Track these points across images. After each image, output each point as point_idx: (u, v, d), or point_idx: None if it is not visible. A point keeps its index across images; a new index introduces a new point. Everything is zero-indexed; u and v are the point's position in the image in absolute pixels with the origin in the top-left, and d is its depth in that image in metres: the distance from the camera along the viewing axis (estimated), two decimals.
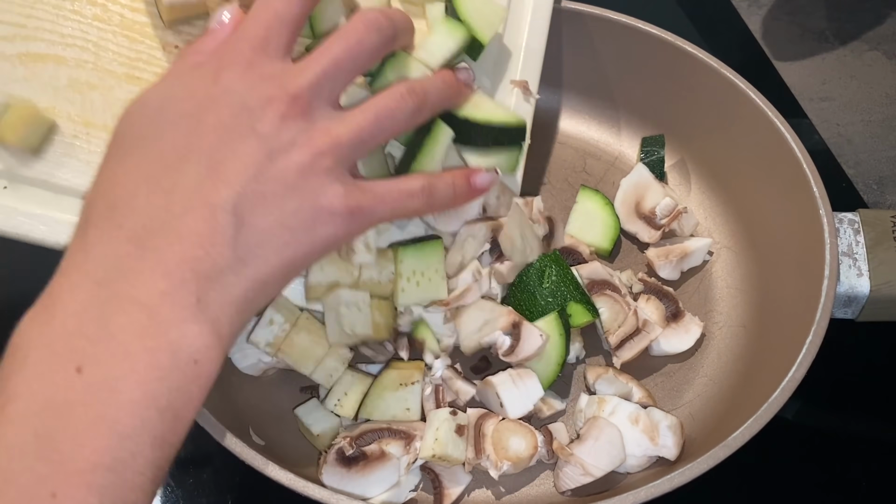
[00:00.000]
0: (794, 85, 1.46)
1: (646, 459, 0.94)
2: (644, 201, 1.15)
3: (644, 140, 1.23)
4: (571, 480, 0.91)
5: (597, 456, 0.91)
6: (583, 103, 1.34)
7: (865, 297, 0.97)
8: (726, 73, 1.15)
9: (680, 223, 1.14)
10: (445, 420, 0.91)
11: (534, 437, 0.93)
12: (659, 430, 0.93)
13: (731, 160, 1.18)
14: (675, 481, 0.83)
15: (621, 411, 0.94)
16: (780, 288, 1.05)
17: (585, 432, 0.94)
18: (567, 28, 1.27)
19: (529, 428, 0.95)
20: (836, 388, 1.09)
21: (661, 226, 1.14)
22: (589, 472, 0.90)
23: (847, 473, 1.02)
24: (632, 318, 1.02)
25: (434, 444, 0.89)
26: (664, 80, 1.24)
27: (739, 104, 1.13)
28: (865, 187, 1.33)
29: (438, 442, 0.89)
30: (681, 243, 1.13)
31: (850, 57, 1.52)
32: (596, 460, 0.90)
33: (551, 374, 0.98)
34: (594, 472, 0.90)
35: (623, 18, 1.23)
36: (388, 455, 0.91)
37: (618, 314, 1.02)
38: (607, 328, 1.02)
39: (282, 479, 0.83)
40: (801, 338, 0.91)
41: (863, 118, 1.43)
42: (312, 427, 0.96)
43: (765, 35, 1.59)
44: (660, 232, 1.14)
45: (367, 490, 0.89)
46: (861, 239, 0.99)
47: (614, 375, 0.99)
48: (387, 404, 0.94)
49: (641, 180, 1.17)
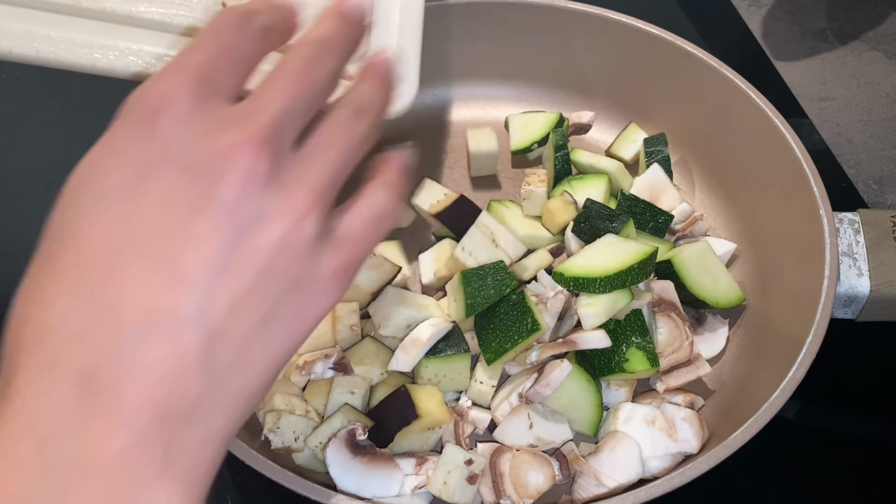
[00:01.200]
0: (794, 85, 1.46)
1: (669, 458, 0.93)
2: (659, 203, 1.13)
3: (646, 140, 1.23)
4: (586, 491, 0.91)
5: (612, 467, 0.90)
6: (582, 103, 1.35)
7: (865, 297, 0.96)
8: (726, 73, 1.15)
9: (693, 228, 1.14)
10: (458, 468, 0.88)
11: (550, 466, 0.93)
12: (676, 424, 0.93)
13: (730, 160, 1.18)
14: (676, 481, 0.83)
15: (637, 415, 0.94)
16: (780, 288, 1.05)
17: (602, 444, 0.94)
18: (567, 27, 1.27)
19: (544, 457, 0.94)
20: (837, 389, 1.08)
21: (676, 231, 1.13)
22: (603, 483, 0.89)
23: (848, 473, 1.02)
24: (686, 348, 0.99)
25: (442, 487, 0.89)
26: (664, 79, 1.24)
27: (739, 104, 1.13)
28: (865, 187, 1.33)
29: (447, 486, 0.88)
30: None
31: (850, 56, 1.52)
32: (611, 471, 0.90)
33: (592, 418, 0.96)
34: (608, 482, 0.89)
35: (623, 18, 1.23)
36: (395, 464, 0.91)
37: (675, 339, 0.99)
38: (661, 350, 0.99)
39: (281, 480, 0.83)
40: (802, 338, 0.91)
41: (863, 118, 1.43)
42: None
43: (765, 35, 1.59)
44: (675, 237, 1.13)
45: (362, 487, 0.89)
46: (861, 239, 0.99)
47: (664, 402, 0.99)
48: (409, 441, 0.94)
49: (657, 181, 1.15)
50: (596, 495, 0.90)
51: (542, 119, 1.27)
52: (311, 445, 0.92)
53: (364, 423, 0.92)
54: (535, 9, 1.26)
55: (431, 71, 1.40)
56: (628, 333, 0.94)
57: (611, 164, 1.19)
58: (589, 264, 0.92)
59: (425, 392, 0.95)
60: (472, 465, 0.89)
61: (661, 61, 1.22)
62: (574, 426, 0.96)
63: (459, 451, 0.90)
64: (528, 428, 0.94)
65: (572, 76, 1.32)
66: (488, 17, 1.28)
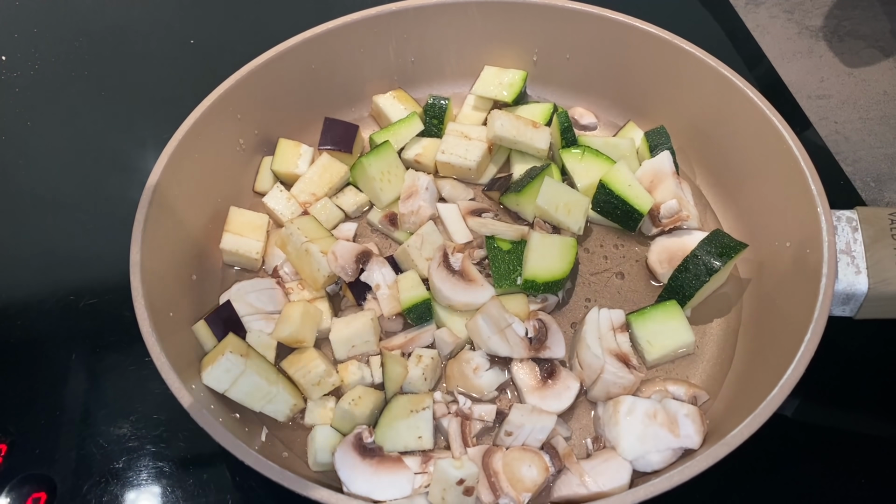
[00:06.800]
0: (792, 82, 1.46)
1: (671, 453, 0.93)
2: (655, 192, 1.16)
3: (647, 134, 1.23)
4: (566, 488, 0.91)
5: (599, 473, 0.91)
6: (581, 101, 1.35)
7: (864, 294, 0.96)
8: (724, 72, 1.15)
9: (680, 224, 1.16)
10: (453, 488, 0.88)
11: (542, 458, 0.94)
12: (678, 420, 0.93)
13: (728, 158, 1.18)
14: (675, 479, 0.83)
15: (638, 409, 0.95)
16: (779, 286, 1.05)
17: (598, 454, 0.94)
18: (567, 27, 1.27)
19: (534, 450, 0.95)
20: (835, 386, 1.09)
21: (661, 223, 1.15)
22: (584, 484, 0.91)
23: (846, 469, 1.02)
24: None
25: (441, 502, 0.89)
26: (662, 78, 1.24)
27: (737, 102, 1.13)
28: (863, 185, 1.33)
29: (445, 501, 0.89)
30: (682, 242, 1.13)
31: (847, 54, 1.52)
32: (596, 476, 0.91)
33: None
34: (590, 485, 0.90)
35: (622, 17, 1.23)
36: (404, 464, 0.91)
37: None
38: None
39: (281, 480, 0.83)
40: (800, 335, 0.91)
41: (860, 115, 1.43)
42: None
43: (762, 33, 1.59)
44: (659, 229, 1.15)
45: (373, 490, 0.89)
46: (859, 237, 0.99)
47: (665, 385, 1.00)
48: (398, 434, 0.95)
49: (661, 169, 1.17)
50: (575, 494, 0.91)
51: (519, 76, 1.31)
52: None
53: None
54: (535, 8, 1.27)
55: (431, 70, 1.42)
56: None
57: (623, 141, 1.23)
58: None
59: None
60: (464, 483, 0.89)
61: (659, 60, 1.22)
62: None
63: (450, 469, 0.90)
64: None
65: (571, 76, 1.33)
66: (489, 17, 1.29)
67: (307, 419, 1.00)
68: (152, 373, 0.90)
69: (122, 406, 1.08)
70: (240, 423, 0.97)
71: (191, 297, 1.09)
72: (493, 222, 1.14)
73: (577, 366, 1.03)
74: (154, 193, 1.05)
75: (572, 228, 1.13)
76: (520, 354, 1.01)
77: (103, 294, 1.20)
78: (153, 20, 1.66)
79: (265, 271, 1.18)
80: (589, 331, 1.03)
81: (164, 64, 1.56)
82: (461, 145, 1.24)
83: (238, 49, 1.42)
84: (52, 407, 1.08)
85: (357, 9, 1.26)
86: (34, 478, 1.02)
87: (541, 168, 1.18)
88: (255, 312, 1.08)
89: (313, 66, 1.27)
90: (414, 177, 1.20)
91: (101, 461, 1.04)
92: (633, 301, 1.13)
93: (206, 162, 1.16)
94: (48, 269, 1.24)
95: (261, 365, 0.98)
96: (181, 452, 1.04)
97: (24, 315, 1.18)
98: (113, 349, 1.14)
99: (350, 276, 1.08)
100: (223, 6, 1.69)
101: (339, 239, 1.13)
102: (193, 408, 0.88)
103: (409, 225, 1.17)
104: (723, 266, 1.03)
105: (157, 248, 1.02)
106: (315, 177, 1.24)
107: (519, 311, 1.06)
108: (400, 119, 1.29)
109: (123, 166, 1.38)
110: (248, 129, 1.24)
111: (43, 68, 1.56)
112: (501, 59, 1.34)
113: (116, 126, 1.45)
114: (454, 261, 1.07)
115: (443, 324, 1.07)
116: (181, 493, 1.01)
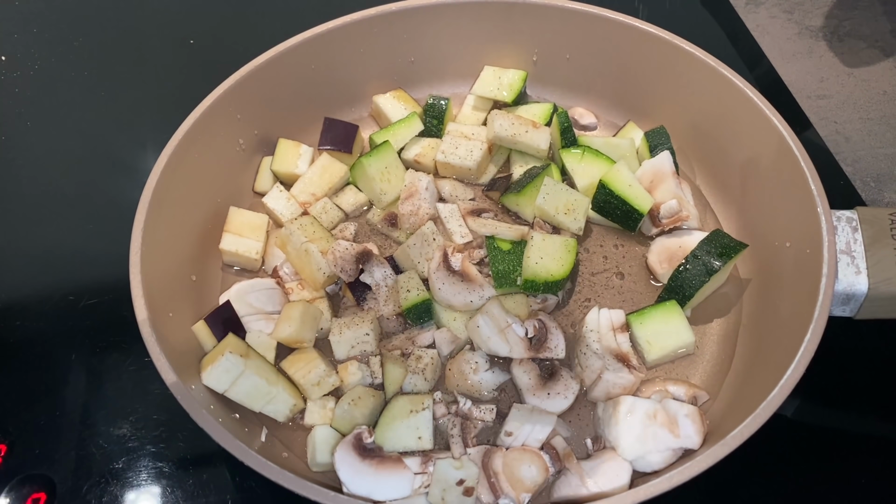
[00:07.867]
0: (792, 83, 1.46)
1: (671, 454, 0.93)
2: (655, 192, 1.16)
3: (647, 134, 1.23)
4: (566, 488, 0.92)
5: (600, 474, 0.91)
6: (581, 101, 1.35)
7: (864, 294, 0.96)
8: (724, 72, 1.15)
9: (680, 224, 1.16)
10: (453, 489, 0.89)
11: (541, 458, 0.94)
12: (678, 421, 0.93)
13: (728, 158, 1.18)
14: (675, 479, 0.83)
15: (638, 409, 0.95)
16: (779, 286, 1.05)
17: (598, 454, 0.95)
18: (567, 27, 1.27)
19: (534, 451, 0.95)
20: (835, 386, 1.09)
21: (661, 223, 1.15)
22: (584, 485, 0.91)
23: (847, 470, 1.02)
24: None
25: (441, 502, 0.90)
26: (662, 78, 1.24)
27: (737, 102, 1.13)
28: (863, 185, 1.33)
29: (445, 502, 0.89)
30: (681, 242, 1.13)
31: (847, 54, 1.52)
32: (596, 477, 0.91)
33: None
34: (590, 486, 0.90)
35: (622, 17, 1.23)
36: (404, 464, 0.91)
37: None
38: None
39: (281, 480, 0.83)
40: (800, 335, 0.91)
41: (861, 115, 1.43)
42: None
43: (762, 33, 1.59)
44: (659, 229, 1.15)
45: (373, 490, 0.89)
46: (859, 237, 0.99)
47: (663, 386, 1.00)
48: (398, 434, 0.95)
49: (661, 169, 1.17)
50: (575, 494, 0.91)
51: (519, 77, 1.31)
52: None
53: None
54: (534, 8, 1.27)
55: (431, 70, 1.42)
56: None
57: (623, 141, 1.24)
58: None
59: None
60: (464, 483, 0.89)
61: (659, 60, 1.22)
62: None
63: (450, 469, 0.90)
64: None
65: (570, 75, 1.33)
66: (489, 17, 1.29)
67: (307, 419, 1.00)
68: (152, 373, 0.90)
69: (122, 406, 1.08)
70: (239, 423, 0.97)
71: (191, 297, 1.09)
72: (493, 222, 1.14)
73: (577, 366, 1.03)
74: (154, 193, 1.05)
75: (572, 228, 1.13)
76: (520, 354, 1.01)
77: (103, 294, 1.20)
78: (153, 20, 1.66)
79: (265, 271, 1.18)
80: (589, 331, 1.03)
81: (164, 64, 1.56)
82: (461, 145, 1.24)
83: (238, 49, 1.42)
84: (52, 407, 1.08)
85: (357, 9, 1.26)
86: (34, 478, 1.02)
87: (541, 168, 1.18)
88: (255, 313, 1.08)
89: (313, 66, 1.27)
90: (414, 177, 1.20)
91: (101, 461, 1.04)
92: (633, 301, 1.13)
93: (205, 162, 1.16)
94: (48, 269, 1.24)
95: (260, 365, 0.98)
96: (181, 453, 1.04)
97: (24, 315, 1.18)
98: (113, 349, 1.14)
99: (350, 277, 1.08)
100: (223, 6, 1.69)
101: (338, 239, 1.13)
102: (193, 408, 0.88)
103: (408, 225, 1.17)
104: (723, 266, 1.03)
105: (157, 249, 1.02)
106: (315, 177, 1.24)
107: (519, 311, 1.06)
108: (400, 119, 1.29)
109: (123, 166, 1.38)
110: (247, 129, 1.24)
111: (43, 68, 1.56)
112: (501, 60, 1.34)
113: (116, 126, 1.45)
114: (454, 261, 1.07)
115: (443, 324, 1.07)
116: (181, 494, 1.01)
